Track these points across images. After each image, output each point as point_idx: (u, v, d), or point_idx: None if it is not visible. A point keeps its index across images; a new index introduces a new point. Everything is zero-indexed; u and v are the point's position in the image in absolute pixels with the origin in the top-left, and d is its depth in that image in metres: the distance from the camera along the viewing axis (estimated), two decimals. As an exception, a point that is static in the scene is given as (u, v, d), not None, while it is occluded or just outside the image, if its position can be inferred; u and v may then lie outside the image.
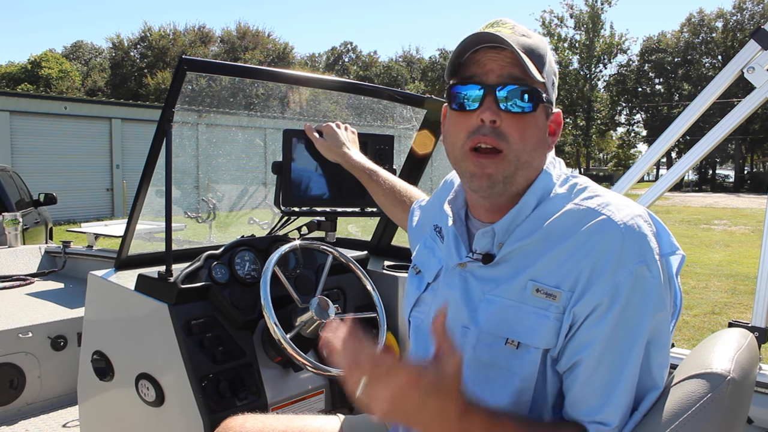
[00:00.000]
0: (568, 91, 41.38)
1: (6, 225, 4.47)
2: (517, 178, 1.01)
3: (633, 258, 0.91)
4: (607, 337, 0.91)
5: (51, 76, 37.14)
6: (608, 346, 0.91)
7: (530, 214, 1.02)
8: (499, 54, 0.99)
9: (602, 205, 0.97)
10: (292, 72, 2.00)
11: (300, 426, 1.38)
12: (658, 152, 2.03)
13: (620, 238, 0.92)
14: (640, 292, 0.90)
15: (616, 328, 0.91)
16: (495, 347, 0.98)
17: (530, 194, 1.03)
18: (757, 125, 37.71)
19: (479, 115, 0.99)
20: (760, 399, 1.58)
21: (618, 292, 0.90)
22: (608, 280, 0.91)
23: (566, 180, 1.06)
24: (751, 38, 1.80)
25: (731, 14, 41.27)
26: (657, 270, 0.92)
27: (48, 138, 16.83)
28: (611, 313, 0.90)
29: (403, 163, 2.38)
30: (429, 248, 1.23)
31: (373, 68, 50.87)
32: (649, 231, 0.94)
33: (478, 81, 0.99)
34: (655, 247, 0.93)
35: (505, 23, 1.03)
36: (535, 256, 0.98)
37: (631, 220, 0.94)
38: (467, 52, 1.01)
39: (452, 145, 1.05)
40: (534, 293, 0.96)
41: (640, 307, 0.91)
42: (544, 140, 1.04)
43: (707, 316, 6.23)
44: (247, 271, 1.89)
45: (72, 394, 2.86)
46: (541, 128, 1.02)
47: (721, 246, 11.55)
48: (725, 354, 0.95)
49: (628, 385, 0.91)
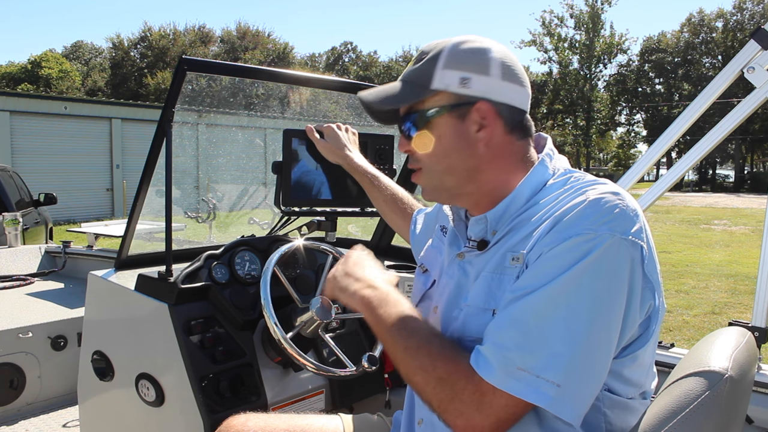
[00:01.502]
0: (568, 91, 41.40)
1: (6, 225, 4.48)
2: (447, 183, 1.11)
3: (586, 223, 0.92)
4: (531, 276, 0.93)
5: (51, 76, 37.16)
6: (526, 282, 0.94)
7: (524, 203, 1.05)
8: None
9: (588, 189, 0.99)
10: (292, 72, 2.01)
11: (302, 425, 1.39)
12: (658, 152, 2.04)
13: (583, 205, 0.94)
14: (580, 252, 0.90)
15: (544, 271, 0.92)
16: (482, 320, 1.01)
17: (524, 185, 1.06)
18: (757, 125, 37.71)
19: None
20: (760, 398, 1.58)
21: (560, 244, 0.92)
22: (556, 234, 0.93)
23: (564, 173, 1.08)
24: (751, 38, 1.80)
25: (731, 14, 41.28)
26: (605, 244, 0.90)
27: (48, 138, 16.83)
28: (546, 258, 0.93)
29: (403, 164, 2.39)
30: (436, 248, 1.29)
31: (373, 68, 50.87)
32: (615, 210, 0.93)
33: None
34: (615, 225, 0.92)
35: (421, 53, 1.11)
36: (517, 232, 1.03)
37: (601, 196, 0.95)
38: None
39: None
40: (511, 262, 1.00)
41: (579, 267, 0.90)
42: (458, 143, 1.08)
43: (707, 316, 6.23)
44: (247, 271, 1.89)
45: (72, 394, 2.86)
46: (448, 135, 1.09)
47: (721, 246, 11.56)
48: (723, 352, 0.95)
49: (522, 323, 0.91)
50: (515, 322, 0.92)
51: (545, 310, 0.90)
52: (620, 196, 0.96)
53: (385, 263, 2.38)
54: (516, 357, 0.90)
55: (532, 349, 0.89)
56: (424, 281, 1.25)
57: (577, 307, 0.89)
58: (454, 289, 1.11)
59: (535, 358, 0.89)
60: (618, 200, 0.94)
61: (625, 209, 0.94)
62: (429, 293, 1.22)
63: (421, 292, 1.24)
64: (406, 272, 2.25)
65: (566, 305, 0.89)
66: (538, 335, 0.90)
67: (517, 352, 0.90)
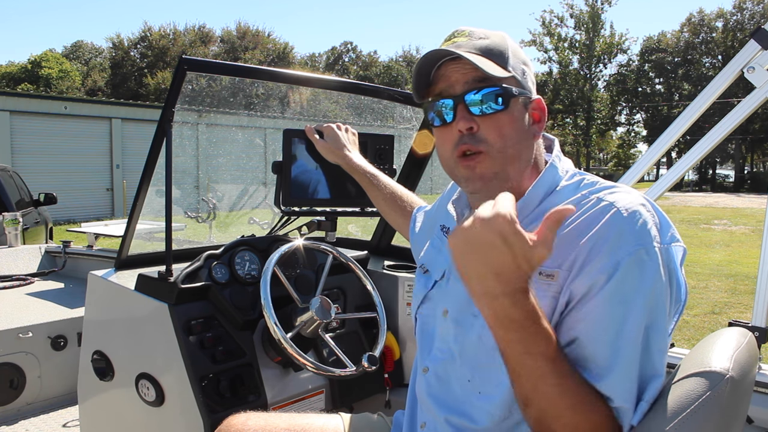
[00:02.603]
0: (568, 91, 41.38)
1: (6, 225, 4.47)
2: (510, 172, 1.04)
3: (631, 241, 0.91)
4: (602, 314, 0.91)
5: (51, 76, 37.15)
6: (603, 322, 0.91)
7: (537, 206, 1.04)
8: (459, 63, 1.03)
9: (607, 194, 0.98)
10: (292, 72, 2.01)
11: (302, 424, 1.39)
12: (658, 152, 2.03)
13: (620, 221, 0.93)
14: (636, 273, 0.91)
15: (610, 305, 0.91)
16: None
17: (537, 187, 1.05)
18: (757, 125, 37.70)
19: (456, 126, 1.04)
20: (760, 399, 1.58)
21: (614, 271, 0.91)
22: (605, 259, 0.91)
23: (574, 175, 1.08)
24: (751, 38, 1.80)
25: (731, 14, 41.27)
26: (655, 256, 0.92)
27: (48, 138, 16.83)
28: (606, 290, 0.91)
29: (403, 163, 2.39)
30: (436, 248, 1.26)
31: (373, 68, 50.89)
32: (651, 220, 0.94)
33: (447, 94, 1.05)
34: (655, 234, 0.93)
35: (461, 32, 1.07)
36: None
37: (633, 207, 0.94)
38: (430, 70, 1.06)
39: (443, 157, 1.10)
40: (537, 276, 0.97)
41: (637, 287, 0.90)
42: (526, 131, 1.06)
43: (707, 316, 6.23)
44: (247, 271, 1.89)
45: (72, 394, 2.86)
46: (519, 120, 1.05)
47: (721, 246, 11.55)
48: (724, 353, 0.95)
49: (627, 363, 0.90)
50: (629, 362, 0.92)
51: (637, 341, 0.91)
52: (643, 202, 0.97)
53: (385, 263, 2.38)
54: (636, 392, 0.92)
55: (647, 379, 0.92)
56: (425, 283, 1.24)
57: (657, 325, 0.92)
58: (465, 294, 1.05)
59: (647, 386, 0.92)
60: (643, 205, 0.96)
61: (659, 214, 0.97)
62: (430, 295, 1.21)
63: (423, 293, 1.23)
64: (406, 272, 2.25)
65: (649, 328, 0.91)
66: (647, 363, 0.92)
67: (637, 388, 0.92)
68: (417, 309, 1.24)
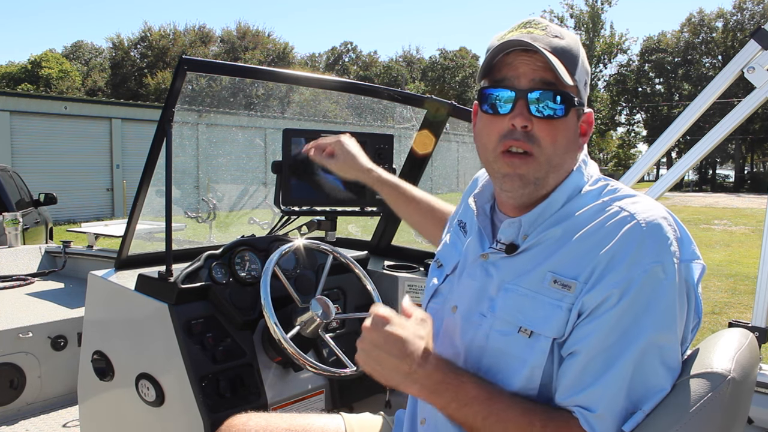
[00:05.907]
0: (568, 91, 41.30)
1: (6, 225, 4.47)
2: (548, 180, 1.03)
3: (650, 256, 0.91)
4: (609, 329, 0.91)
5: (51, 76, 37.14)
6: (608, 338, 0.91)
7: (559, 209, 1.03)
8: (531, 57, 0.99)
9: (629, 204, 0.98)
10: (292, 72, 2.01)
11: (303, 424, 1.38)
12: (658, 152, 2.04)
13: (640, 235, 0.93)
14: (650, 290, 0.90)
15: (619, 321, 0.91)
16: (508, 335, 1.00)
17: (560, 191, 1.04)
18: (757, 125, 37.71)
19: (511, 120, 1.00)
20: (761, 399, 1.58)
21: (629, 286, 0.90)
22: (621, 273, 0.91)
23: (598, 180, 1.07)
24: (751, 38, 1.80)
25: (731, 14, 41.29)
26: (673, 273, 0.91)
27: (48, 138, 16.82)
28: (617, 307, 0.91)
29: (403, 163, 2.39)
30: (452, 243, 1.25)
31: (373, 68, 50.86)
32: (672, 235, 0.94)
33: (510, 85, 1.00)
34: (675, 251, 0.93)
35: (537, 23, 1.03)
36: (556, 248, 1.00)
37: (654, 221, 0.94)
38: (499, 54, 1.01)
39: (484, 147, 1.06)
40: (551, 284, 0.97)
41: (648, 305, 0.90)
42: (574, 142, 1.05)
43: (707, 316, 6.23)
44: (247, 271, 1.89)
45: (72, 394, 2.86)
46: (572, 131, 1.03)
47: (721, 246, 11.55)
48: (726, 354, 0.95)
49: (619, 377, 0.90)
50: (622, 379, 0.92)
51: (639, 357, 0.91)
52: (665, 215, 0.96)
53: (385, 263, 2.37)
54: (626, 405, 0.91)
55: (649, 394, 0.92)
56: (438, 276, 1.23)
57: (666, 343, 0.92)
58: (476, 292, 1.08)
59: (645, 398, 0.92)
60: (665, 218, 0.95)
61: (680, 228, 0.96)
62: (440, 289, 1.20)
63: (434, 287, 1.22)
64: (406, 272, 2.25)
65: (657, 345, 0.91)
66: (652, 378, 0.92)
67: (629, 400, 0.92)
68: (427, 303, 1.23)
